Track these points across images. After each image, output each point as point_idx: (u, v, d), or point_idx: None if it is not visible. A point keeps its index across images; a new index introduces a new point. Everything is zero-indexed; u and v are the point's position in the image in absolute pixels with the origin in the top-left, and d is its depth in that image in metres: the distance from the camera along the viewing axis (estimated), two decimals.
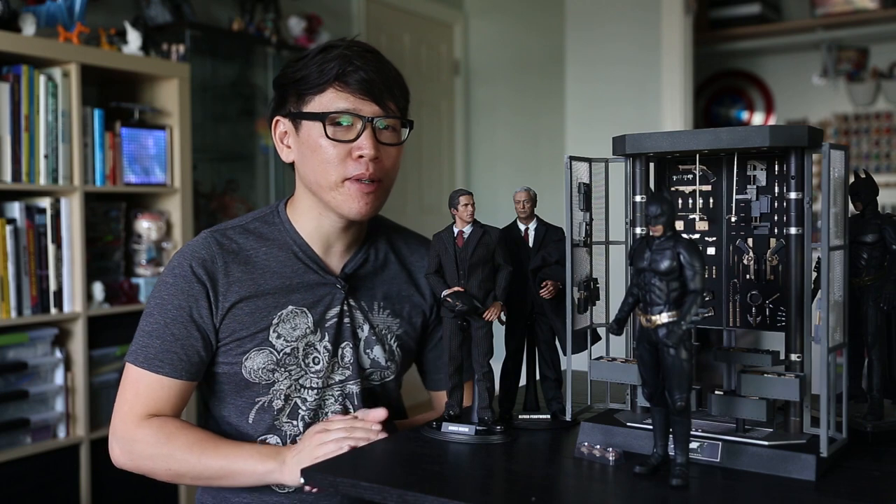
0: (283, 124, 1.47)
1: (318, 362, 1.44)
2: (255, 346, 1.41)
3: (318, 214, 1.46)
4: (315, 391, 1.44)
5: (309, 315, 1.44)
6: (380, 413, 1.33)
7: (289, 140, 1.46)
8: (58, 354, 2.64)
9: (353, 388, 1.47)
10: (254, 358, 1.41)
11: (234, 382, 1.43)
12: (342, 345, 1.46)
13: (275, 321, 1.42)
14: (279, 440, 1.43)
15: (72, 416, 2.67)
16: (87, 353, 2.69)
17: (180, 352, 1.40)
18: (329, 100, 1.39)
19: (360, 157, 1.38)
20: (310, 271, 1.46)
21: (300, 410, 1.44)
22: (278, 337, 1.42)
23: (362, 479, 1.03)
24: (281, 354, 1.42)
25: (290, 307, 1.44)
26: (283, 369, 1.42)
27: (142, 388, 1.41)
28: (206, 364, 1.44)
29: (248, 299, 1.42)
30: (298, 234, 1.47)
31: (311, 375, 1.44)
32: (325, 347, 1.45)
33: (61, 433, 2.64)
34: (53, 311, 2.62)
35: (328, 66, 1.38)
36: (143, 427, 1.39)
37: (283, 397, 1.43)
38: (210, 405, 1.50)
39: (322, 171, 1.40)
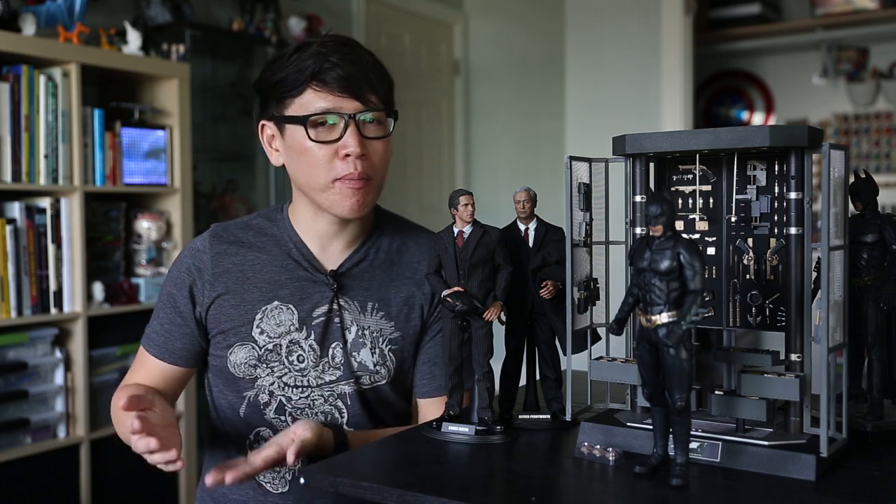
0: (269, 128, 1.45)
1: (303, 360, 1.43)
2: (239, 340, 1.43)
3: (314, 214, 1.46)
4: (300, 389, 1.43)
5: (295, 312, 1.44)
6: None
7: (276, 143, 1.45)
8: (58, 354, 2.64)
9: (346, 388, 1.45)
10: (237, 352, 1.43)
11: (224, 376, 1.46)
12: (332, 344, 1.44)
13: (258, 316, 1.43)
14: (272, 434, 1.44)
15: (72, 416, 2.67)
16: (87, 353, 2.69)
17: (165, 335, 1.48)
18: (308, 101, 1.36)
19: (347, 155, 1.36)
20: (300, 268, 1.46)
21: (286, 407, 1.44)
22: (261, 332, 1.43)
23: (362, 479, 1.03)
24: (262, 350, 1.43)
25: (276, 302, 1.44)
26: (265, 365, 1.43)
27: (139, 362, 1.52)
28: (192, 354, 1.48)
29: (234, 292, 1.44)
30: (295, 232, 1.48)
31: (296, 374, 1.43)
32: (310, 346, 1.44)
33: (61, 433, 2.64)
34: (53, 311, 2.62)
35: (304, 65, 1.35)
36: (119, 390, 1.49)
37: (267, 393, 1.44)
38: (211, 397, 1.53)
39: (311, 174, 1.39)
